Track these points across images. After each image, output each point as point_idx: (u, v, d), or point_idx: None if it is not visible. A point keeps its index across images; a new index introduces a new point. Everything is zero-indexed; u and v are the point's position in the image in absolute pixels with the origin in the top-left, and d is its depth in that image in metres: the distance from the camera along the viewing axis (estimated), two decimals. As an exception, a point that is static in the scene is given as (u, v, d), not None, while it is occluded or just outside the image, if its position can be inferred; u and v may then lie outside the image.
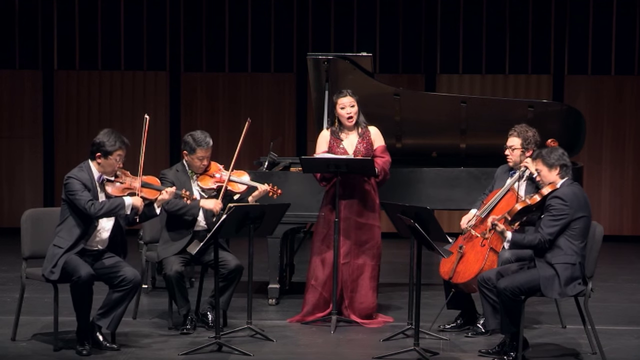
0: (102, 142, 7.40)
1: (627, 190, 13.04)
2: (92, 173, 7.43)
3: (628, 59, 12.94)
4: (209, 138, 8.12)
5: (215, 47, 13.15)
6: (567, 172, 7.26)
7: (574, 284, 7.15)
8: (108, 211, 7.35)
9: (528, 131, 8.06)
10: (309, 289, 8.46)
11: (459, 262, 7.95)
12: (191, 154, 8.09)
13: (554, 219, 7.12)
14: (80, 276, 7.21)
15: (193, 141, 8.08)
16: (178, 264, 7.91)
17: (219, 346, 7.44)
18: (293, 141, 13.15)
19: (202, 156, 8.08)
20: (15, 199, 13.14)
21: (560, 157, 7.25)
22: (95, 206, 7.31)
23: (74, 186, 7.34)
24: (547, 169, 7.26)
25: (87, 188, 7.36)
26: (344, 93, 8.34)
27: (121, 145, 7.42)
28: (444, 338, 7.88)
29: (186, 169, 8.16)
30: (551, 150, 7.31)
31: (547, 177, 7.26)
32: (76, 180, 7.36)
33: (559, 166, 7.24)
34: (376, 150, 8.39)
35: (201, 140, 8.07)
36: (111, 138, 7.41)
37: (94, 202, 7.32)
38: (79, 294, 7.26)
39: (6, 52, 13.08)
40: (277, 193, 8.20)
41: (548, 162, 7.25)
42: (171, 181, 8.05)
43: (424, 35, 13.07)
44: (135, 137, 13.03)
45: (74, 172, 7.44)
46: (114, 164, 7.42)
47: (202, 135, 8.10)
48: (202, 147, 8.07)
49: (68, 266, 7.28)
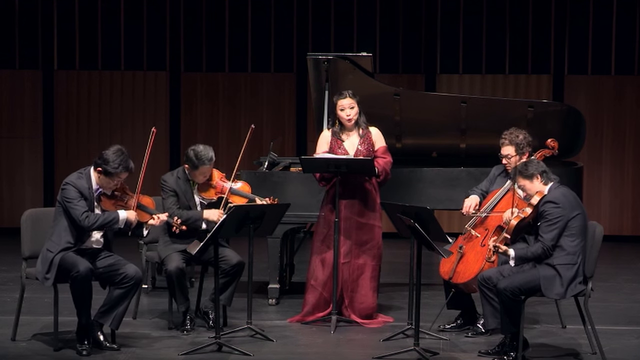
0: (107, 161, 7.31)
1: (627, 190, 13.03)
2: (91, 182, 7.41)
3: (628, 59, 12.94)
4: (212, 152, 7.98)
5: (215, 47, 13.15)
6: (549, 177, 7.29)
7: (575, 283, 7.16)
8: (102, 225, 7.34)
9: (518, 135, 8.05)
10: (309, 289, 8.46)
11: (459, 262, 7.94)
12: (193, 170, 7.99)
13: (551, 224, 7.13)
14: (79, 271, 7.20)
15: (196, 159, 7.93)
16: (179, 261, 7.91)
17: (219, 346, 7.44)
18: (293, 141, 13.15)
19: (204, 172, 8.02)
20: (15, 199, 13.14)
21: (536, 166, 7.29)
22: (89, 219, 7.28)
23: (70, 194, 7.31)
24: (529, 181, 7.28)
25: (84, 197, 7.33)
26: (344, 95, 8.32)
27: (124, 170, 7.34)
28: (444, 338, 7.88)
29: (187, 177, 8.11)
30: (525, 164, 7.37)
31: (532, 189, 7.29)
32: (73, 188, 7.33)
33: (539, 174, 7.27)
34: (377, 151, 8.38)
35: (204, 158, 7.92)
36: (117, 160, 7.31)
37: (88, 214, 7.29)
38: (79, 290, 7.25)
39: (6, 52, 13.07)
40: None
41: (526, 174, 7.28)
42: (172, 189, 8.02)
43: (424, 35, 13.06)
44: (135, 137, 13.06)
45: (72, 178, 7.39)
46: (113, 183, 7.39)
47: (204, 151, 7.95)
48: (205, 165, 7.96)
49: (65, 263, 7.27)
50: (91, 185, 7.39)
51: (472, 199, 8.15)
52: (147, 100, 13.16)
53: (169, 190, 8.02)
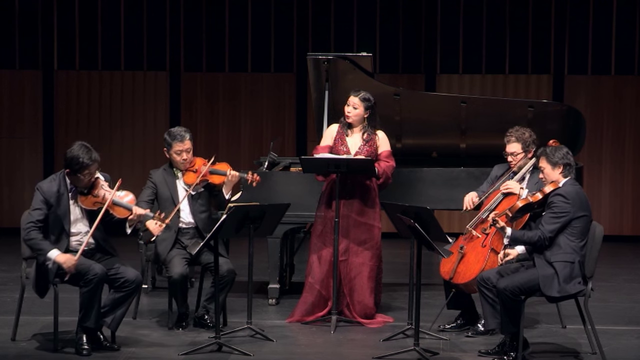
0: (70, 160, 7.31)
1: (627, 190, 13.03)
2: (65, 183, 7.41)
3: (628, 59, 12.93)
4: (186, 132, 8.10)
5: (215, 47, 13.15)
6: (570, 172, 7.28)
7: (574, 282, 7.16)
8: (32, 248, 7.32)
9: (525, 133, 8.05)
10: (307, 287, 8.44)
11: (459, 263, 7.94)
12: (169, 150, 8.10)
13: (555, 217, 7.13)
14: (97, 273, 7.22)
15: (169, 136, 8.09)
16: (183, 267, 7.90)
17: (219, 346, 7.44)
18: (293, 141, 13.14)
19: (179, 150, 8.07)
20: (15, 199, 13.13)
21: (564, 156, 7.27)
22: (28, 232, 7.27)
23: (35, 199, 7.35)
24: (551, 167, 7.27)
25: (48, 204, 7.32)
26: (355, 93, 8.36)
27: (88, 164, 7.30)
28: (444, 338, 7.88)
29: (172, 168, 8.15)
30: (556, 149, 7.32)
31: (550, 175, 7.27)
32: (39, 193, 7.35)
33: (563, 165, 7.25)
34: (381, 155, 8.38)
35: (176, 134, 8.07)
36: (77, 157, 7.28)
37: (30, 228, 7.27)
38: (92, 291, 7.24)
39: (6, 52, 13.07)
40: (256, 180, 8.19)
41: (552, 160, 7.26)
42: (153, 183, 8.08)
43: (424, 35, 13.06)
44: (135, 137, 13.06)
45: (43, 182, 7.44)
46: (84, 180, 7.36)
47: (178, 129, 8.12)
48: (177, 140, 8.05)
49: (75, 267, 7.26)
50: (66, 187, 7.39)
51: (470, 194, 8.17)
52: (147, 100, 13.15)
53: (150, 182, 8.12)
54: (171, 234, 8.02)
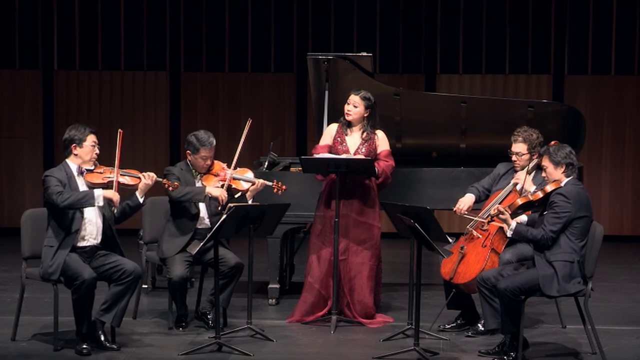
0: (73, 134, 7.45)
1: (627, 190, 13.04)
2: (69, 168, 7.45)
3: (628, 59, 12.94)
4: (212, 138, 8.16)
5: (215, 47, 13.15)
6: (573, 171, 7.27)
7: (573, 282, 7.16)
8: (75, 201, 7.29)
9: (532, 134, 8.04)
10: (306, 286, 8.44)
11: (460, 263, 7.94)
12: (194, 154, 8.12)
13: (557, 216, 7.13)
14: (84, 280, 7.21)
15: (197, 141, 8.11)
16: (183, 269, 7.91)
17: (219, 346, 7.44)
18: (293, 141, 13.15)
19: (205, 156, 8.11)
20: (15, 199, 13.14)
21: (567, 156, 7.26)
22: (62, 195, 7.28)
23: (47, 182, 7.38)
24: (553, 166, 7.27)
25: (62, 184, 7.36)
26: (356, 92, 8.36)
27: (92, 130, 7.48)
28: (444, 338, 7.88)
29: (190, 168, 8.18)
30: (559, 148, 7.31)
31: (552, 174, 7.27)
32: (51, 177, 7.40)
33: (565, 164, 7.25)
34: (380, 154, 8.38)
35: (204, 140, 8.10)
36: (79, 128, 7.48)
37: (62, 191, 7.31)
38: (83, 298, 7.25)
39: (6, 52, 13.07)
40: (282, 189, 8.22)
41: (555, 159, 7.26)
42: (176, 175, 8.07)
43: (424, 35, 13.06)
44: (135, 137, 13.06)
45: (51, 170, 7.49)
46: (90, 150, 7.45)
47: (205, 135, 8.14)
48: (206, 147, 8.10)
49: (69, 269, 7.26)
50: (71, 172, 7.44)
51: (466, 198, 8.16)
52: (147, 100, 13.16)
53: (173, 174, 8.07)
54: (185, 238, 8.04)
